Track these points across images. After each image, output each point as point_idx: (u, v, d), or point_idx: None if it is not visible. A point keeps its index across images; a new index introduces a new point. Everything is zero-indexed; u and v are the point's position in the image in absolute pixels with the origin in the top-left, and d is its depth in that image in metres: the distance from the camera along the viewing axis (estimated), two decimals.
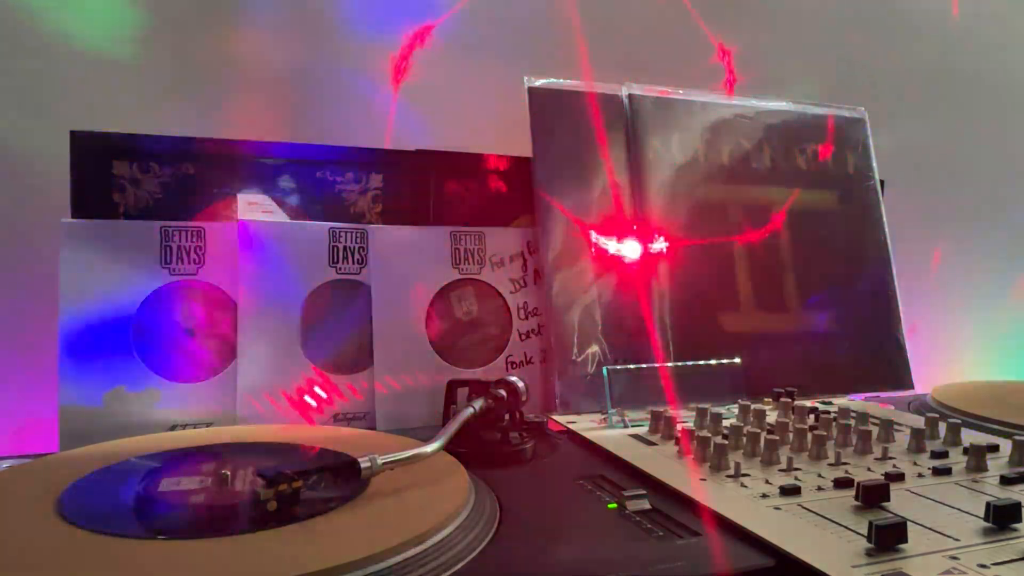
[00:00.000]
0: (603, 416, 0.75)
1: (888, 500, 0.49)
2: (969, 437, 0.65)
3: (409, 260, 0.80)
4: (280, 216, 0.78)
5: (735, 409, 0.73)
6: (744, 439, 0.61)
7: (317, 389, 0.74)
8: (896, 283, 0.97)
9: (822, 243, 0.95)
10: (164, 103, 0.86)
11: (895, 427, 0.68)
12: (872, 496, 0.49)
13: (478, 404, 0.62)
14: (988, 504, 0.46)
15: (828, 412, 0.73)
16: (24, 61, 0.82)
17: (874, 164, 1.00)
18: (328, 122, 0.93)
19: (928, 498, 0.51)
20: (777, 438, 0.60)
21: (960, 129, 1.29)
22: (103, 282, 0.70)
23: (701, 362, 0.80)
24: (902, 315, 0.96)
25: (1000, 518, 0.46)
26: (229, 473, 0.51)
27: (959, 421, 0.66)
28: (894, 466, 0.58)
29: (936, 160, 1.28)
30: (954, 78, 1.28)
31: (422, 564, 0.40)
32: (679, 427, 0.65)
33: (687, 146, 0.90)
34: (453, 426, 0.57)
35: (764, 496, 0.51)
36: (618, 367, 0.76)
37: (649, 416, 0.70)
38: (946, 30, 1.27)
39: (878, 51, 1.22)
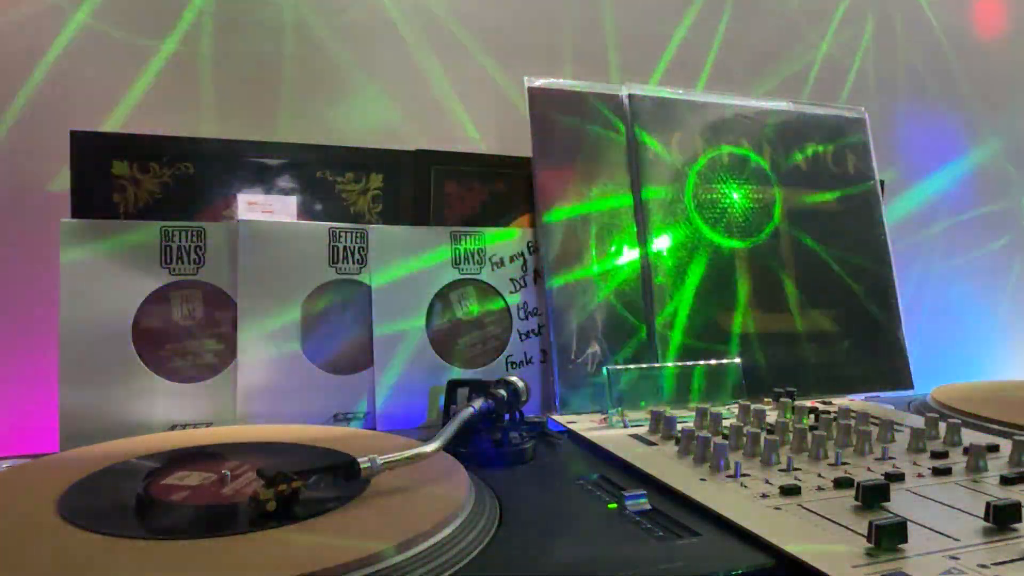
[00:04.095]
0: (603, 416, 0.75)
1: (888, 500, 0.49)
2: (969, 437, 0.65)
3: (409, 260, 0.80)
4: (280, 216, 0.78)
5: (735, 409, 0.73)
6: (744, 439, 0.61)
7: None
8: (896, 283, 0.97)
9: (822, 243, 0.95)
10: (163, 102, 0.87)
11: (895, 427, 0.68)
12: (872, 496, 0.49)
13: (478, 404, 0.62)
14: (988, 504, 0.46)
15: (828, 412, 0.73)
16: (26, 61, 0.82)
17: (874, 164, 1.00)
18: (329, 122, 0.93)
19: (928, 498, 0.51)
20: (777, 438, 0.60)
21: (959, 128, 1.29)
22: (103, 282, 0.70)
23: (701, 362, 0.80)
24: (902, 315, 0.96)
25: (1000, 518, 0.45)
26: (229, 473, 0.51)
27: (959, 421, 0.66)
28: (894, 466, 0.58)
29: (935, 159, 1.28)
30: (951, 75, 1.28)
31: (422, 564, 0.40)
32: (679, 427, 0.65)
33: (687, 146, 0.90)
34: (453, 426, 0.57)
35: (764, 496, 0.51)
36: (618, 367, 0.76)
37: (649, 416, 0.70)
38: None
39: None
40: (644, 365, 0.78)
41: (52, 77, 0.82)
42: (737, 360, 0.81)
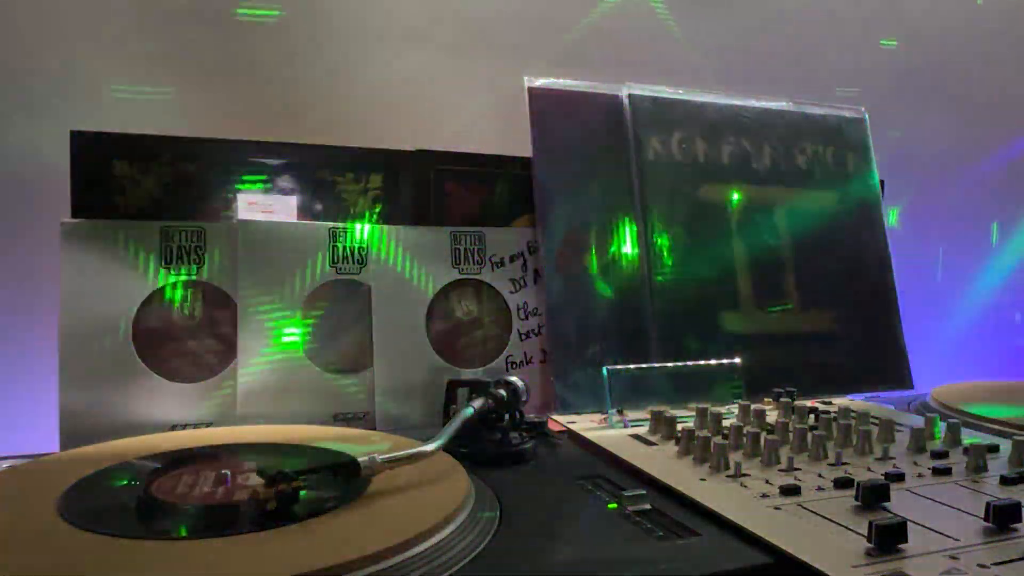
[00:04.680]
0: (603, 416, 0.75)
1: (888, 500, 0.49)
2: (969, 437, 0.65)
3: (409, 260, 0.80)
4: (280, 216, 0.78)
5: (735, 409, 0.73)
6: (744, 439, 0.61)
7: None
8: (896, 283, 0.97)
9: (822, 243, 0.95)
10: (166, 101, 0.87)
11: (895, 427, 0.68)
12: (872, 496, 0.49)
13: (478, 404, 0.62)
14: (988, 504, 0.46)
15: (828, 412, 0.73)
16: (25, 61, 0.82)
17: (874, 164, 1.00)
18: (329, 122, 0.93)
19: (928, 498, 0.51)
20: (777, 438, 0.60)
21: (960, 128, 1.29)
22: (103, 282, 0.70)
23: (701, 362, 0.80)
24: (902, 315, 0.96)
25: (1000, 518, 0.45)
26: (229, 473, 0.51)
27: (959, 421, 0.66)
28: (894, 466, 0.58)
29: (936, 160, 1.28)
30: (953, 76, 1.28)
31: (422, 564, 0.40)
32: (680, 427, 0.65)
33: (687, 146, 0.90)
34: (453, 426, 0.57)
35: (764, 496, 0.51)
36: (618, 367, 0.76)
37: (649, 416, 0.70)
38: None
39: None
40: (644, 365, 0.78)
41: (52, 77, 0.82)
42: (737, 360, 0.81)
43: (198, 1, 0.87)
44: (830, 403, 0.82)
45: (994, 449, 0.62)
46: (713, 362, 0.80)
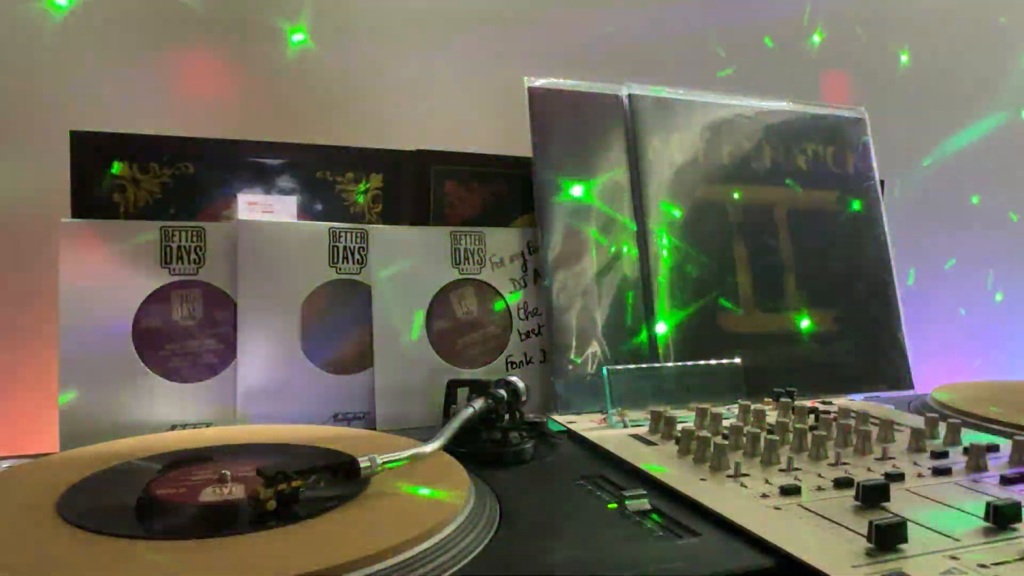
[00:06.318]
0: (603, 416, 0.75)
1: (888, 500, 0.49)
2: (969, 437, 0.65)
3: (409, 260, 0.80)
4: (280, 216, 0.78)
5: (735, 409, 0.73)
6: (744, 439, 0.61)
7: None
8: (896, 283, 0.97)
9: (822, 243, 0.95)
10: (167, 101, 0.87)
11: (895, 427, 0.68)
12: (872, 496, 0.49)
13: (478, 404, 0.62)
14: (988, 504, 0.46)
15: (828, 412, 0.73)
16: (25, 60, 0.82)
17: (874, 164, 1.00)
18: (328, 122, 0.93)
19: (928, 498, 0.51)
20: (777, 438, 0.60)
21: (959, 129, 1.29)
22: (103, 282, 0.70)
23: (701, 362, 0.80)
24: (902, 315, 0.96)
25: (1000, 518, 0.45)
26: (229, 473, 0.51)
27: (959, 421, 0.66)
28: (894, 466, 0.58)
29: (936, 160, 1.28)
30: (956, 78, 1.28)
31: (422, 564, 0.40)
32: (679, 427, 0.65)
33: (687, 146, 0.90)
34: (453, 426, 0.57)
35: (764, 496, 0.51)
36: (618, 367, 0.76)
37: (649, 416, 0.70)
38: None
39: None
40: (644, 365, 0.78)
41: (52, 77, 0.82)
42: (737, 360, 0.81)
43: (202, 3, 0.87)
44: (830, 403, 0.82)
45: (994, 449, 0.62)
46: (713, 362, 0.80)
